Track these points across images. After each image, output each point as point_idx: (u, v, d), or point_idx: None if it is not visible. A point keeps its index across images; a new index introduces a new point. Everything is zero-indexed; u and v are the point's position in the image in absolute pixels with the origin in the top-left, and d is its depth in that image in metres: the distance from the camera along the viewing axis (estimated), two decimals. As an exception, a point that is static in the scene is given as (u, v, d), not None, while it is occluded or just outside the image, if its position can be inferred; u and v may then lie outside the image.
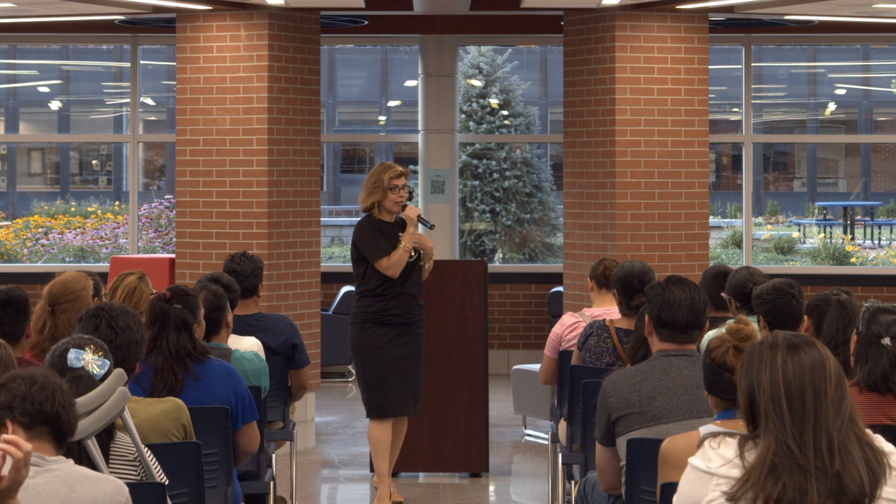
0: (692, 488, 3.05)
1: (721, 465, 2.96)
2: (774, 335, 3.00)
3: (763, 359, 2.94)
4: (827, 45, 25.74)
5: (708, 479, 3.00)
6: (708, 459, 3.02)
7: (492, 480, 8.51)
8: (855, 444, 2.87)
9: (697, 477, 3.04)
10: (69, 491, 3.21)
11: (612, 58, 10.40)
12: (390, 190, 7.42)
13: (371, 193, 7.47)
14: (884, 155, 29.24)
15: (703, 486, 3.01)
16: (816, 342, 2.98)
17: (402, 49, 28.29)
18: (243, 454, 5.32)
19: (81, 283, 5.50)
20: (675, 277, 4.79)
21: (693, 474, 3.06)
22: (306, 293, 10.59)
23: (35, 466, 3.20)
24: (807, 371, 2.91)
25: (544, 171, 19.28)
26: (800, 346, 2.95)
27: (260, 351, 6.17)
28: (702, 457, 3.04)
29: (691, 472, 3.07)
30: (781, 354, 2.93)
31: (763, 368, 2.92)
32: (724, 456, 2.97)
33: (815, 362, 2.93)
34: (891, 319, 4.37)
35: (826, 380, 2.91)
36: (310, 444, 9.88)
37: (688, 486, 3.07)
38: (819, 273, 13.31)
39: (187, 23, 10.53)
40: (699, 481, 3.03)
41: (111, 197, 26.15)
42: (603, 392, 4.65)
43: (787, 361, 2.93)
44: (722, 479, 2.96)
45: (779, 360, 2.92)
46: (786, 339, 2.97)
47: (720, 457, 2.98)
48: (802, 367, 2.92)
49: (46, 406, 3.21)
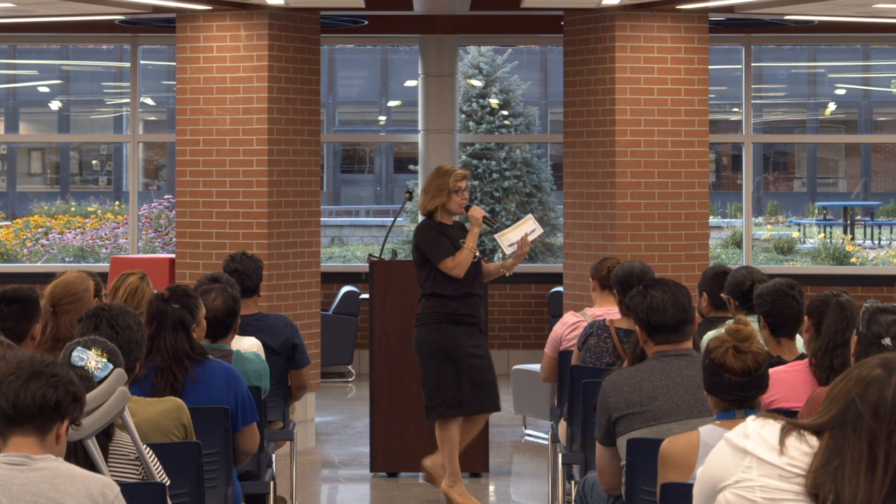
0: (722, 463, 2.97)
1: (758, 446, 2.89)
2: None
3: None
4: (827, 45, 25.75)
5: (741, 457, 2.93)
6: (746, 436, 2.95)
7: (492, 480, 8.52)
8: None
9: (732, 452, 2.96)
10: (53, 492, 3.16)
11: (612, 58, 10.40)
12: (455, 192, 7.54)
13: (435, 197, 7.56)
14: (884, 155, 29.25)
15: (734, 462, 2.94)
16: None
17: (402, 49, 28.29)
18: (243, 455, 5.32)
19: (83, 284, 5.50)
20: (651, 280, 4.80)
21: (727, 448, 2.99)
22: (306, 293, 10.59)
23: (19, 465, 3.18)
24: None
25: (544, 171, 19.29)
26: None
27: (260, 351, 6.16)
28: (741, 433, 2.97)
29: (725, 446, 2.99)
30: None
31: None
32: (765, 438, 2.91)
33: None
34: (891, 319, 4.36)
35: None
36: (310, 444, 9.88)
37: (718, 458, 2.99)
38: (819, 273, 13.31)
39: (187, 23, 10.53)
40: (732, 457, 2.95)
41: (111, 197, 26.16)
42: (603, 392, 4.65)
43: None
44: (754, 459, 2.90)
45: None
46: None
47: (760, 437, 2.92)
48: None
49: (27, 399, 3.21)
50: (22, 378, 3.21)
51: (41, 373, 3.23)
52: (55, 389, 3.22)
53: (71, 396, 3.25)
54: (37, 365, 3.24)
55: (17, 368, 3.23)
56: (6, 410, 3.21)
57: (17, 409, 3.21)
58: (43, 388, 3.21)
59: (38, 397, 3.21)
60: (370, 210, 28.78)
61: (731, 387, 3.80)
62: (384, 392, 8.46)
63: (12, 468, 3.18)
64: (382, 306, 8.47)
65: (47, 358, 3.28)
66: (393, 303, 8.46)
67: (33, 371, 3.23)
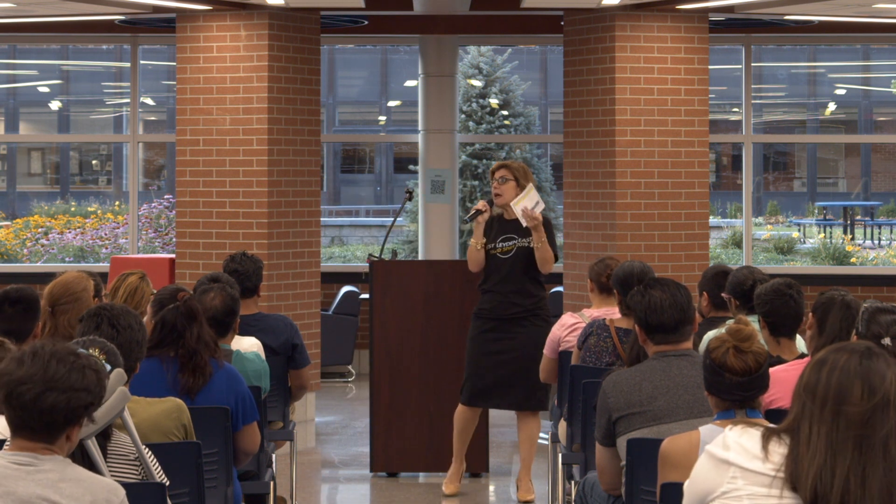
0: (706, 476, 2.99)
1: (740, 456, 2.91)
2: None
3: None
4: (827, 45, 25.75)
5: (725, 469, 2.94)
6: (727, 448, 2.96)
7: (492, 480, 8.51)
8: None
9: (714, 465, 2.97)
10: (57, 496, 3.13)
11: (612, 58, 10.40)
12: (492, 182, 7.77)
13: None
14: (884, 155, 29.25)
15: (718, 474, 2.95)
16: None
17: (402, 49, 28.29)
18: (243, 455, 5.32)
19: (82, 283, 5.49)
20: (652, 280, 4.81)
21: (709, 462, 3.00)
22: (306, 293, 10.59)
23: (26, 466, 3.15)
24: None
25: (544, 171, 19.29)
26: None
27: (260, 351, 6.16)
28: (721, 444, 2.99)
29: (707, 460, 3.01)
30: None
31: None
32: (746, 447, 2.92)
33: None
34: (890, 319, 4.36)
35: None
36: (310, 444, 9.88)
37: (702, 472, 3.01)
38: (819, 273, 13.31)
39: (187, 23, 10.53)
40: (715, 469, 2.96)
41: (111, 197, 26.16)
42: (603, 392, 4.65)
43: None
44: (738, 469, 2.91)
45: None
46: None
47: (741, 447, 2.93)
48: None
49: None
50: (35, 389, 3.14)
51: (54, 382, 3.14)
52: (68, 400, 3.15)
53: (85, 404, 3.19)
54: (51, 372, 3.15)
55: (29, 376, 3.15)
56: (16, 419, 3.17)
57: (28, 418, 3.16)
58: (57, 400, 3.14)
59: (51, 409, 3.15)
60: (370, 210, 28.79)
61: (731, 386, 3.80)
62: (384, 392, 8.46)
63: (18, 469, 3.15)
64: (382, 306, 8.46)
65: (61, 357, 3.18)
66: (393, 303, 8.46)
67: (47, 381, 3.15)
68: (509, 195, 7.66)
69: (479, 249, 7.68)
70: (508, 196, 7.66)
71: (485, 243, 7.70)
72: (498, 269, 7.67)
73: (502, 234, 7.69)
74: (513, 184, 7.67)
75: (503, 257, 7.66)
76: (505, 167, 7.75)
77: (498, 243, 7.68)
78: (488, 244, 7.70)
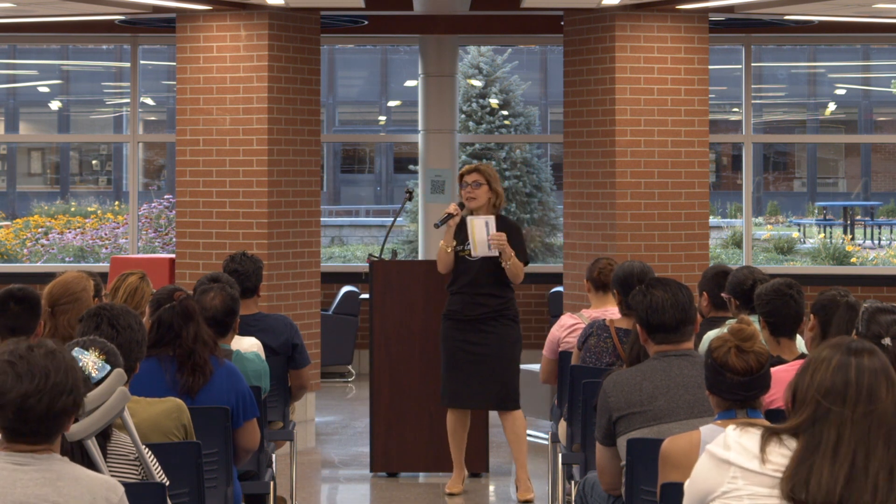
0: (706, 476, 2.99)
1: (740, 456, 2.91)
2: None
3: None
4: (827, 45, 25.74)
5: (726, 469, 2.94)
6: (727, 448, 2.96)
7: (492, 480, 8.52)
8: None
9: (715, 465, 2.97)
10: (56, 495, 3.12)
11: (612, 58, 10.40)
12: (461, 187, 7.77)
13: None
14: (884, 155, 29.24)
15: (719, 474, 2.95)
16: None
17: (402, 49, 28.28)
18: (244, 452, 5.32)
19: (82, 283, 5.49)
20: (654, 280, 4.81)
21: (710, 462, 3.00)
22: (306, 293, 10.59)
23: (23, 466, 3.14)
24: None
25: (544, 171, 19.29)
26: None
27: (260, 351, 6.16)
28: (721, 444, 2.98)
29: (708, 460, 3.00)
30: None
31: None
32: (746, 447, 2.92)
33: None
34: (890, 319, 4.36)
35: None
36: (310, 444, 9.88)
37: (702, 472, 3.01)
38: (819, 273, 13.31)
39: (187, 23, 10.53)
40: (716, 469, 2.96)
41: (111, 197, 26.16)
42: (603, 392, 4.65)
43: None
44: (738, 469, 2.91)
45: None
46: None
47: (741, 447, 2.93)
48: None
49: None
50: (23, 393, 3.11)
51: (41, 386, 3.12)
52: (57, 400, 3.14)
53: (73, 401, 3.18)
54: (38, 374, 3.13)
55: (17, 380, 3.12)
56: (8, 424, 3.16)
57: (20, 423, 3.14)
58: (47, 403, 3.12)
59: (61, 413, 3.14)
60: (370, 210, 28.78)
61: (733, 386, 3.80)
62: (384, 392, 8.46)
63: (16, 469, 3.14)
64: (382, 306, 8.46)
65: (47, 359, 3.16)
66: (393, 303, 8.45)
67: (35, 385, 3.13)
68: (482, 199, 7.71)
69: (448, 252, 7.73)
70: (482, 200, 7.71)
71: (454, 245, 7.73)
72: (466, 271, 7.73)
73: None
74: (486, 188, 7.72)
75: (471, 259, 7.70)
76: (477, 171, 7.77)
77: (466, 245, 7.72)
78: (457, 246, 7.73)
